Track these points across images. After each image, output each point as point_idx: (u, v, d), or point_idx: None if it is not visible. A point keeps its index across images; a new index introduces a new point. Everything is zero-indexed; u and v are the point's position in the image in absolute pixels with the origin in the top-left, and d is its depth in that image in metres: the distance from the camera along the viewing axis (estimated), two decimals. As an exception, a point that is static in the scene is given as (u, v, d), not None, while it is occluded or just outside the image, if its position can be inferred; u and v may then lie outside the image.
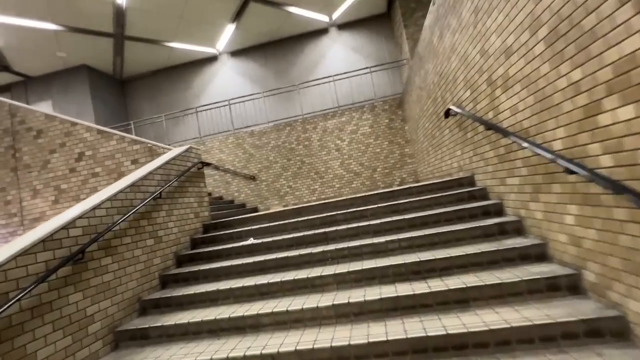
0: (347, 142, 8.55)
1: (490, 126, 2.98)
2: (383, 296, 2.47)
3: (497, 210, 3.27)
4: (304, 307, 2.58)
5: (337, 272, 2.90)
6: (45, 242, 2.46)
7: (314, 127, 8.74)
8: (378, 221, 3.58)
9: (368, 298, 2.49)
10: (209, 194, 8.92)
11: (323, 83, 8.85)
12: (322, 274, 2.92)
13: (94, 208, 2.94)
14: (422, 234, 3.13)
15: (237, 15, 9.04)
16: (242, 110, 10.22)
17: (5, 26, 7.85)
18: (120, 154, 4.98)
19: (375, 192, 4.38)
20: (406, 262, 2.78)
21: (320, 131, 8.71)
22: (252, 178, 8.99)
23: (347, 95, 10.05)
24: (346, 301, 2.52)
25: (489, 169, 3.43)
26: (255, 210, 8.72)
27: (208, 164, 5.09)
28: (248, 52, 11.07)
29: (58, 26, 8.15)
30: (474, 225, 3.03)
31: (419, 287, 2.50)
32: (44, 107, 10.44)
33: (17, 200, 5.30)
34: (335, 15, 9.99)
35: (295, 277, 2.97)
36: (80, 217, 2.78)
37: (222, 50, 10.87)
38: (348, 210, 3.99)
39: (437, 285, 2.48)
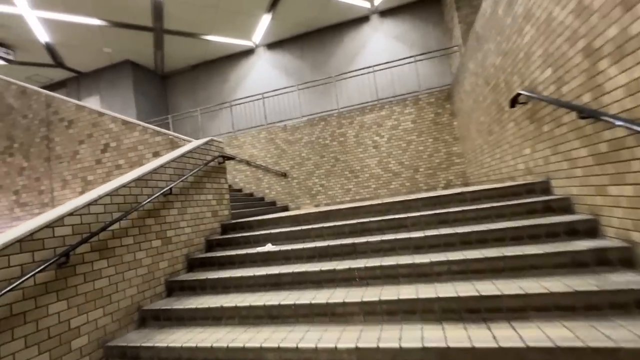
0: (386, 139, 7.77)
1: (587, 113, 2.13)
2: (427, 344, 1.78)
3: (590, 229, 2.39)
4: (319, 345, 1.97)
5: (365, 299, 2.25)
6: (22, 243, 2.12)
7: (350, 122, 8.08)
8: (421, 234, 2.86)
9: (405, 345, 1.82)
10: (240, 190, 8.68)
11: (362, 74, 8.13)
12: (346, 300, 2.29)
13: (89, 204, 2.59)
14: (481, 255, 2.36)
15: (273, 5, 8.64)
16: (276, 105, 9.86)
17: (56, 22, 8.20)
18: (142, 146, 4.75)
19: (418, 196, 3.64)
20: (460, 294, 2.05)
21: (356, 126, 8.02)
22: (284, 175, 8.57)
23: (387, 87, 9.22)
24: (374, 345, 1.88)
25: (576, 173, 2.54)
26: (286, 208, 8.29)
27: (230, 158, 4.68)
28: (284, 44, 10.68)
29: (102, 21, 8.36)
30: (556, 250, 2.20)
31: (480, 336, 1.78)
32: (93, 101, 10.96)
33: (50, 190, 5.33)
34: (378, 0, 9.19)
35: (313, 301, 2.37)
36: (70, 214, 2.44)
37: (259, 42, 10.59)
38: (384, 218, 3.30)
39: (506, 336, 1.74)
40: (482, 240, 2.64)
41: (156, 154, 4.65)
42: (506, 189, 3.22)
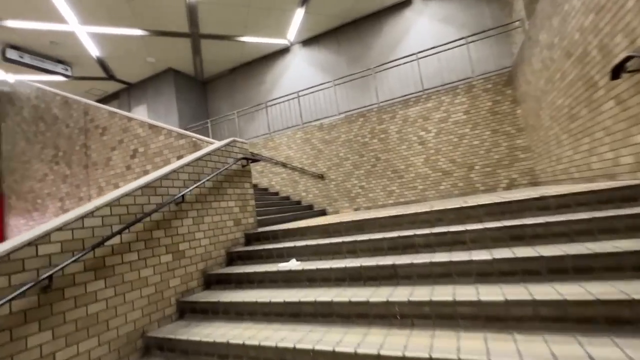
0: (434, 134, 6.85)
1: None
2: None
3: None
4: None
5: (409, 353, 1.59)
6: (-5, 265, 1.83)
7: (392, 116, 7.29)
8: (486, 255, 2.10)
9: None
10: (276, 194, 8.35)
11: (404, 63, 7.30)
12: (381, 353, 1.65)
13: (82, 217, 2.27)
14: (588, 295, 1.56)
15: (306, -2, 8.18)
16: (312, 103, 9.38)
17: (103, 36, 8.62)
18: (167, 150, 4.54)
19: (479, 201, 2.83)
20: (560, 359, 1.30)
21: (399, 121, 7.21)
22: (320, 177, 8.05)
23: (434, 75, 8.24)
24: None
25: None
26: (323, 213, 7.77)
27: (255, 160, 4.26)
28: (320, 40, 10.18)
29: (143, 31, 8.60)
30: None
31: None
32: (141, 110, 11.49)
33: (88, 197, 5.41)
34: (421, -19, 8.26)
35: (337, 348, 1.77)
36: (58, 229, 2.13)
37: (294, 40, 10.23)
38: (433, 231, 2.58)
39: None
40: (583, 269, 1.82)
41: (180, 158, 4.40)
42: (610, 191, 2.30)
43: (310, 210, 7.50)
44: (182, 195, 3.01)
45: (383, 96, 8.42)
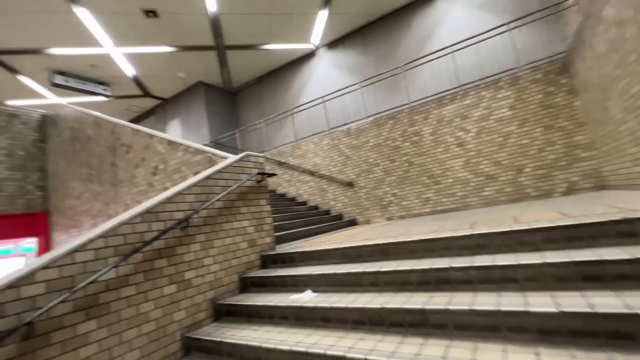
0: (474, 134, 6.12)
1: None
2: None
3: None
4: None
5: None
6: (-32, 313, 1.67)
7: (425, 117, 6.67)
8: (549, 305, 1.56)
9: None
10: (304, 203, 8.06)
11: (437, 58, 6.67)
12: None
13: (73, 252, 2.10)
14: None
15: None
16: (338, 107, 8.99)
17: (136, 56, 8.98)
18: (185, 167, 4.42)
19: (536, 224, 2.25)
20: None
21: (433, 122, 6.57)
22: (349, 184, 7.62)
23: (472, 69, 7.45)
24: None
25: None
26: (353, 223, 7.33)
27: (271, 175, 3.96)
28: (345, 41, 9.78)
29: (171, 47, 8.83)
30: None
31: None
32: (175, 125, 11.89)
33: (115, 214, 5.49)
34: (453, -33, 7.55)
35: None
36: (45, 267, 1.96)
37: (318, 43, 9.94)
38: (474, 263, 2.06)
39: None
40: None
41: (196, 174, 4.24)
42: None
43: (339, 221, 7.09)
44: (187, 219, 2.78)
45: (414, 95, 7.79)
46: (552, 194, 5.41)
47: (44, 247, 7.33)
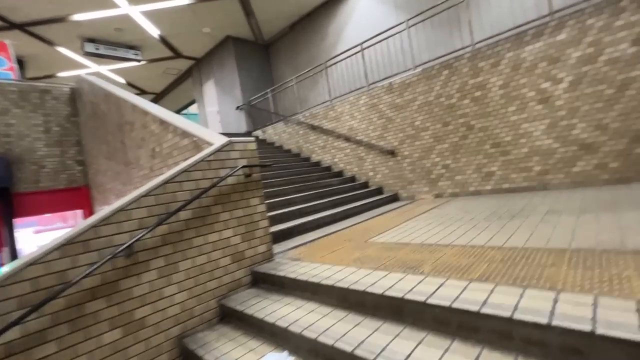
0: (569, 84, 4.28)
1: None
2: None
3: None
4: None
5: None
6: None
7: (495, 63, 4.90)
8: None
9: None
10: (339, 174, 7.11)
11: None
12: None
13: (-57, 317, 1.55)
14: None
15: None
16: (379, 56, 7.32)
17: (155, 13, 8.23)
18: (176, 151, 3.73)
19: None
20: None
21: (506, 69, 4.80)
22: (391, 153, 6.38)
23: (573, -15, 5.15)
24: None
25: None
26: (395, 198, 6.25)
27: (264, 166, 3.05)
28: (391, -35, 7.67)
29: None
30: None
31: None
32: (210, 86, 11.33)
33: (131, 196, 5.23)
34: None
35: None
36: None
37: (358, -27, 8.00)
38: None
39: None
40: None
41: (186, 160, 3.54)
42: None
43: (378, 196, 6.07)
44: (130, 246, 2.09)
45: (480, 34, 5.80)
46: (694, 174, 3.60)
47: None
